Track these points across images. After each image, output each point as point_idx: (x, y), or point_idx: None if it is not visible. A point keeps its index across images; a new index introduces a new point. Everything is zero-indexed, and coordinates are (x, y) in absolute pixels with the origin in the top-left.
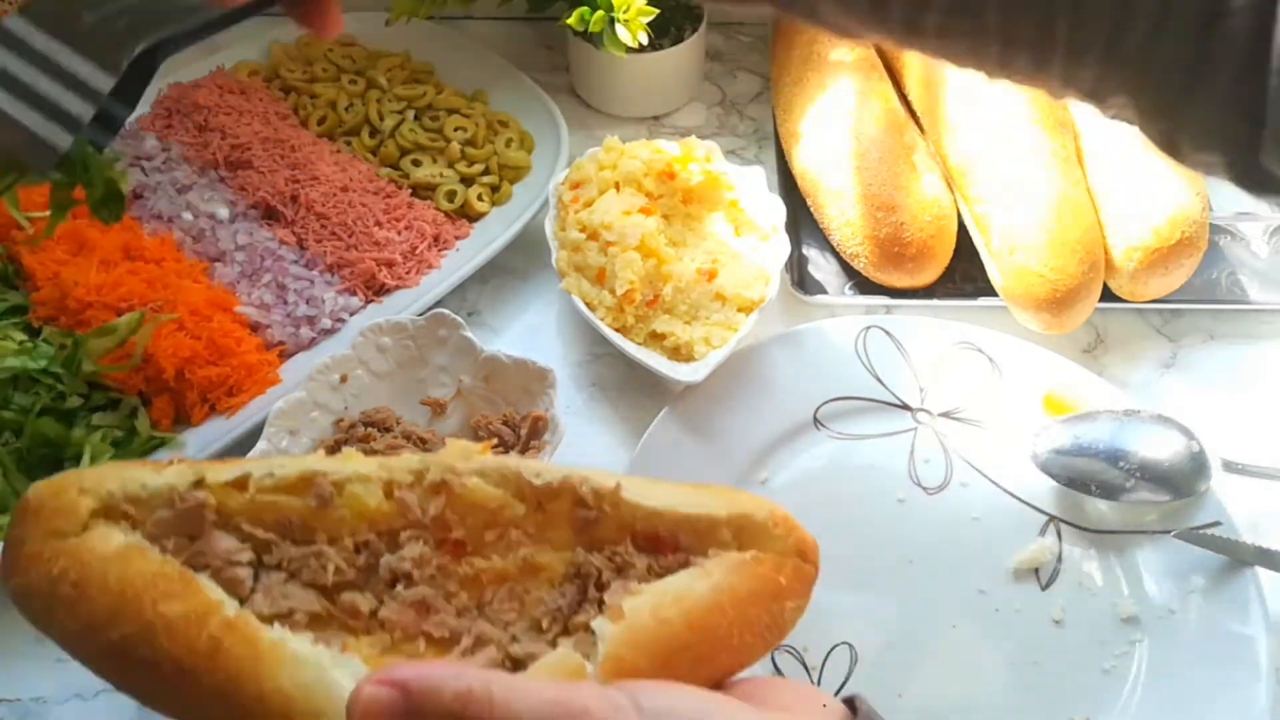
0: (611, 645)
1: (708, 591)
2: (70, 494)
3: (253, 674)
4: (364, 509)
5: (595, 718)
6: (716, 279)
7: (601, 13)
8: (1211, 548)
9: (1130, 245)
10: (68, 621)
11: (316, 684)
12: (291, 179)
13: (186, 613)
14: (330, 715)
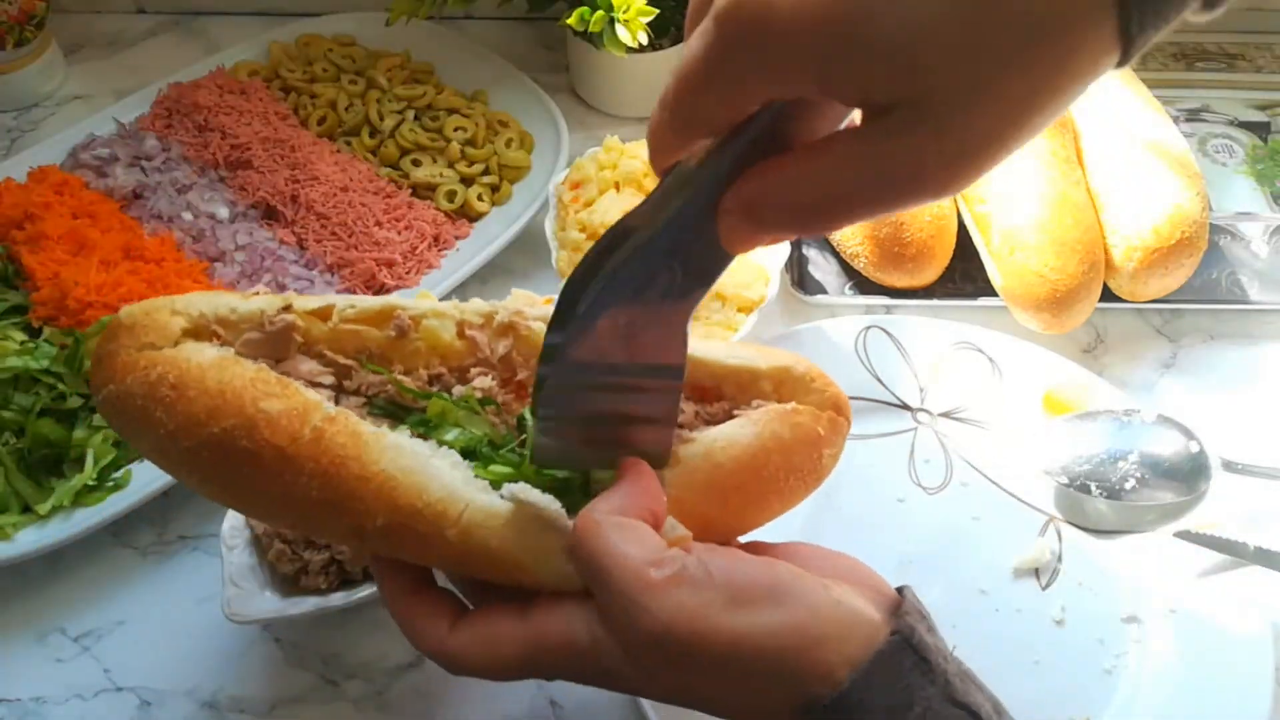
0: (669, 487)
1: (754, 438)
2: (163, 314)
3: (357, 458)
4: (438, 343)
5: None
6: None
7: (601, 13)
8: (1211, 548)
9: (1130, 245)
10: (166, 420)
11: (418, 468)
12: (291, 179)
13: (288, 409)
14: (431, 493)
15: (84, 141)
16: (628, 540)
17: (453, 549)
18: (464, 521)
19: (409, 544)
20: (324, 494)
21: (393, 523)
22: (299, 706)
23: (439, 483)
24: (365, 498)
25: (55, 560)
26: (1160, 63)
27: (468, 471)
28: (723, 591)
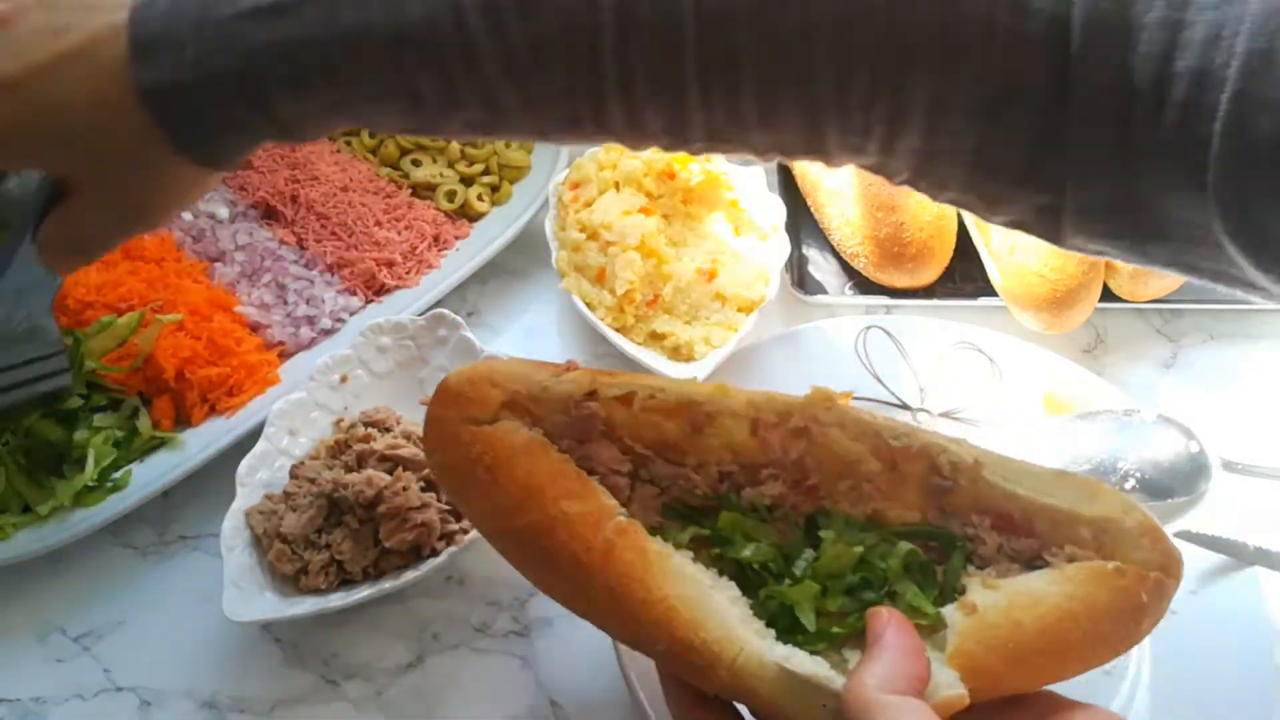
0: (962, 639)
1: (1064, 599)
2: (484, 386)
3: (642, 580)
4: (731, 441)
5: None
6: (716, 279)
7: None
8: (1211, 548)
9: None
10: (480, 503)
11: (700, 602)
12: (291, 179)
13: (584, 513)
14: (712, 634)
15: None
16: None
17: (725, 686)
18: (737, 665)
19: (687, 671)
20: (611, 607)
21: (671, 650)
22: (299, 706)
23: (717, 620)
24: (647, 623)
25: (55, 560)
26: None
27: (745, 609)
28: None
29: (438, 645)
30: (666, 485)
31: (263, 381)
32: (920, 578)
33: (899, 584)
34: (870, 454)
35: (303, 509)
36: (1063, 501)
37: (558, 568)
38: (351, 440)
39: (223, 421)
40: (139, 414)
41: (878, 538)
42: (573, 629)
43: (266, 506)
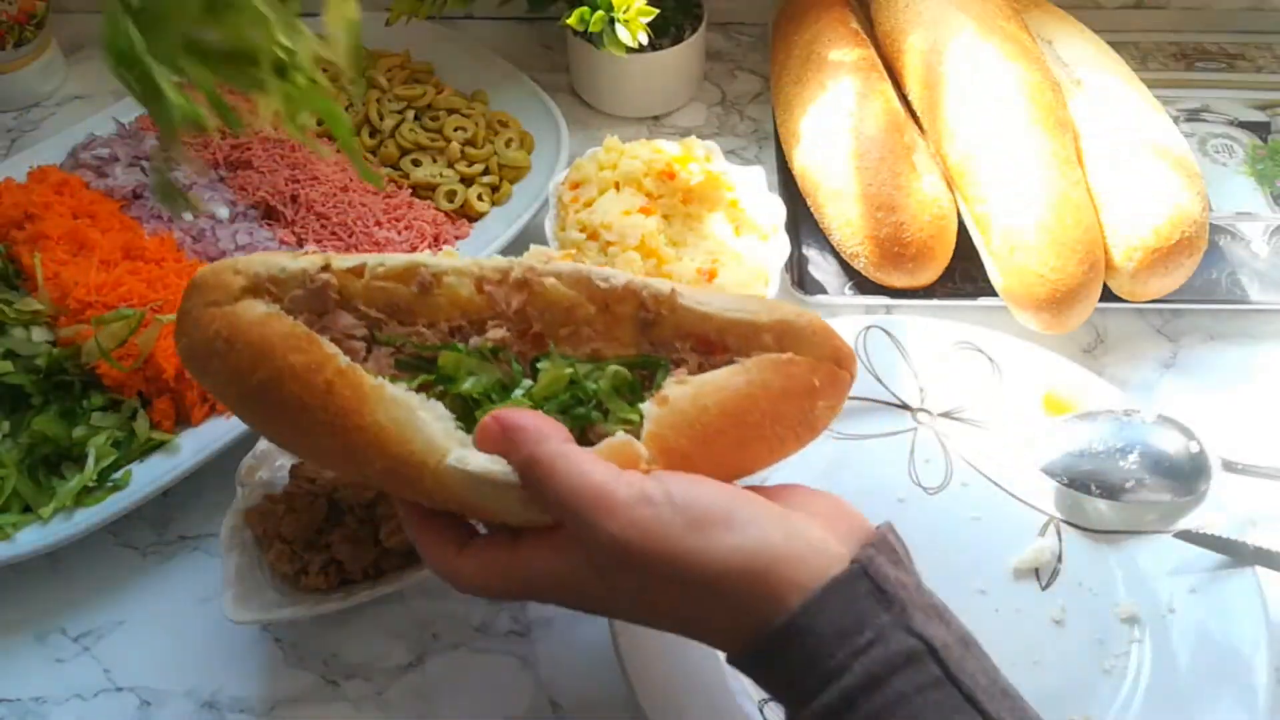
0: (655, 425)
1: (744, 384)
2: (226, 274)
3: (356, 410)
4: (458, 298)
5: (621, 503)
6: (716, 279)
7: (601, 13)
8: (1211, 548)
9: (1130, 245)
10: (220, 370)
11: (407, 420)
12: (291, 179)
13: (308, 362)
14: (416, 446)
15: (84, 141)
16: (584, 465)
17: (434, 493)
18: (438, 471)
19: (402, 487)
20: (334, 442)
21: (385, 468)
22: (299, 706)
23: (423, 433)
24: (363, 446)
25: (55, 560)
26: (1160, 63)
27: (450, 424)
28: (680, 513)
29: (438, 645)
30: (401, 344)
31: None
32: (630, 395)
33: (609, 401)
34: (585, 299)
35: (303, 509)
36: (746, 314)
37: (287, 416)
38: None
39: (223, 421)
40: (139, 414)
41: (592, 367)
42: (573, 629)
43: (266, 506)
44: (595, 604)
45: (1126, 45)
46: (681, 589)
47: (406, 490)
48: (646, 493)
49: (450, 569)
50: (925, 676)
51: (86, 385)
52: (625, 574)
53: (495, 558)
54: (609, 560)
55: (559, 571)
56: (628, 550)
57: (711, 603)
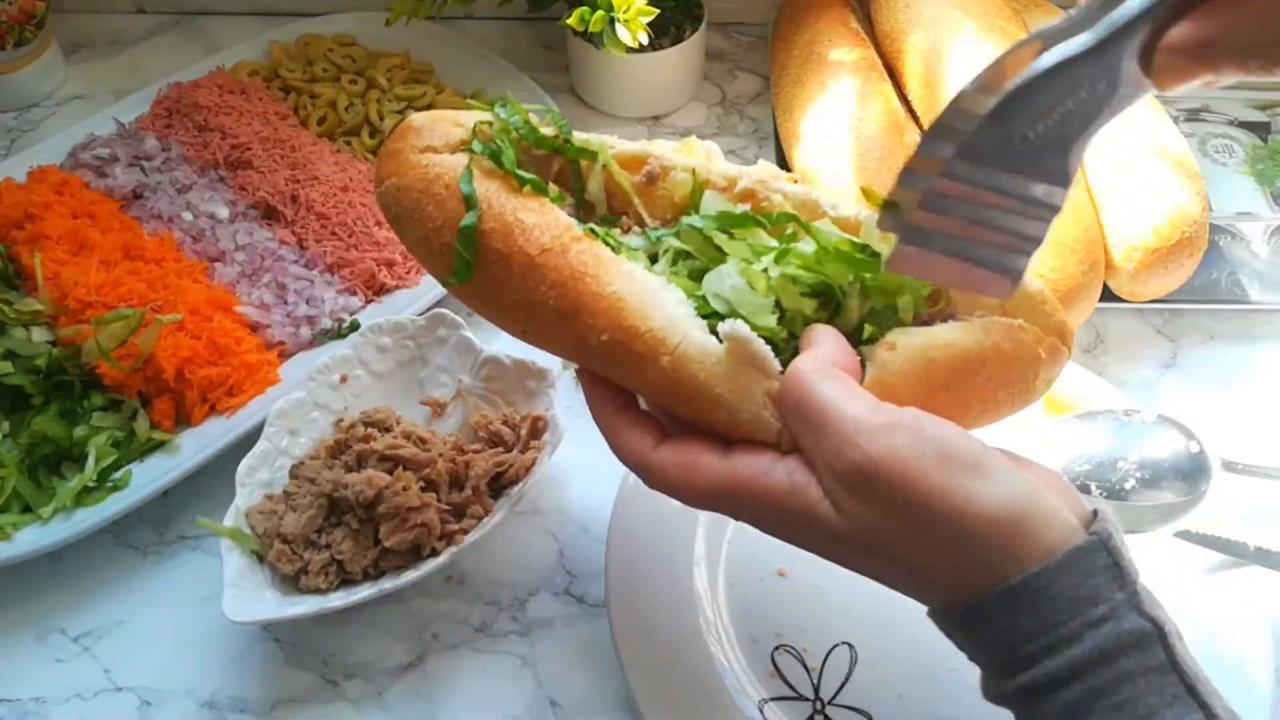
0: (880, 369)
1: (974, 344)
2: (446, 124)
3: (595, 276)
4: (676, 196)
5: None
6: None
7: (601, 13)
8: (1211, 548)
9: (1130, 245)
10: (436, 215)
11: (647, 296)
12: (291, 179)
13: (541, 221)
14: (655, 323)
15: (84, 141)
16: (841, 388)
17: (663, 376)
18: (678, 352)
19: (625, 364)
20: (559, 304)
21: (615, 340)
22: (299, 706)
23: (662, 313)
24: (595, 313)
25: (55, 560)
26: None
27: (690, 309)
28: (935, 447)
29: (438, 645)
30: (619, 227)
31: (263, 381)
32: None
33: (850, 301)
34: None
35: (303, 509)
36: None
37: (509, 269)
38: (351, 440)
39: (223, 421)
40: (139, 414)
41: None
42: (573, 629)
43: (266, 506)
44: (808, 532)
45: None
46: (919, 525)
47: (620, 370)
48: (902, 420)
49: (645, 462)
50: (1152, 660)
51: (87, 385)
52: (862, 501)
53: (704, 460)
54: (850, 483)
55: (777, 490)
56: (875, 473)
57: (947, 546)
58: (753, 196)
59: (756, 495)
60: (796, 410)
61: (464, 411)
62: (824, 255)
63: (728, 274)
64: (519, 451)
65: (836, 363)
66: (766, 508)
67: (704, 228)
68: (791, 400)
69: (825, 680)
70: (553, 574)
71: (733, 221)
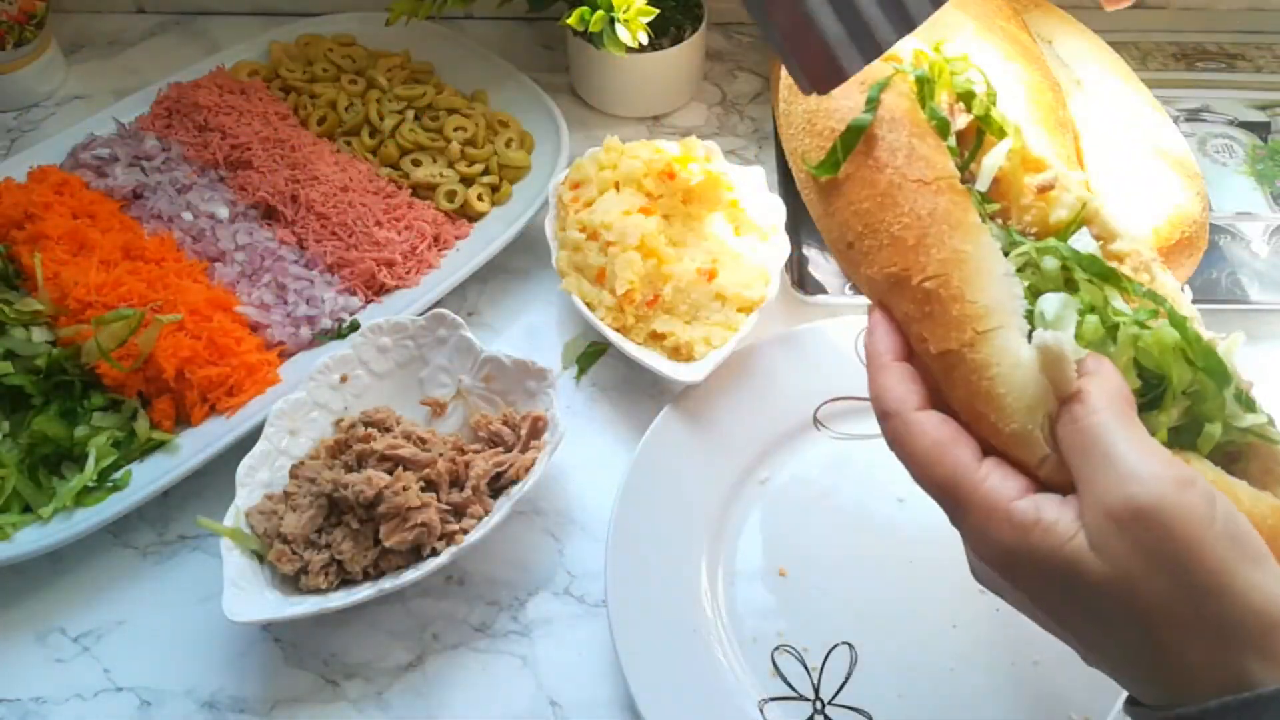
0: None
1: (1258, 517)
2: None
3: (950, 225)
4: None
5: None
6: (716, 279)
7: (601, 13)
8: None
9: None
10: (839, 100)
11: (988, 272)
12: (291, 179)
13: (930, 157)
14: (981, 294)
15: (84, 141)
16: (1137, 430)
17: (959, 349)
18: (987, 335)
19: (930, 318)
20: (904, 233)
21: (935, 291)
22: (299, 706)
23: (995, 293)
24: (933, 259)
25: (55, 560)
26: (1160, 63)
27: (1022, 307)
28: (1226, 521)
29: (438, 645)
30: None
31: (263, 381)
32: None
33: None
34: None
35: (303, 509)
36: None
37: (873, 176)
38: (351, 440)
39: (223, 421)
40: (139, 414)
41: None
42: (573, 629)
43: (266, 506)
44: (1038, 572)
45: (1126, 45)
46: (1188, 591)
47: (930, 324)
48: (1198, 482)
49: (900, 413)
50: None
51: (87, 385)
52: (1131, 544)
53: (957, 452)
54: (1122, 522)
55: (1020, 518)
56: (1157, 518)
57: (1213, 626)
58: (1121, 260)
59: (993, 514)
60: (1082, 439)
61: (464, 411)
62: (1183, 350)
63: (1070, 303)
64: (519, 451)
65: (1121, 394)
66: (997, 532)
67: (1068, 257)
68: (1079, 428)
69: (825, 680)
70: (553, 574)
71: (1098, 270)
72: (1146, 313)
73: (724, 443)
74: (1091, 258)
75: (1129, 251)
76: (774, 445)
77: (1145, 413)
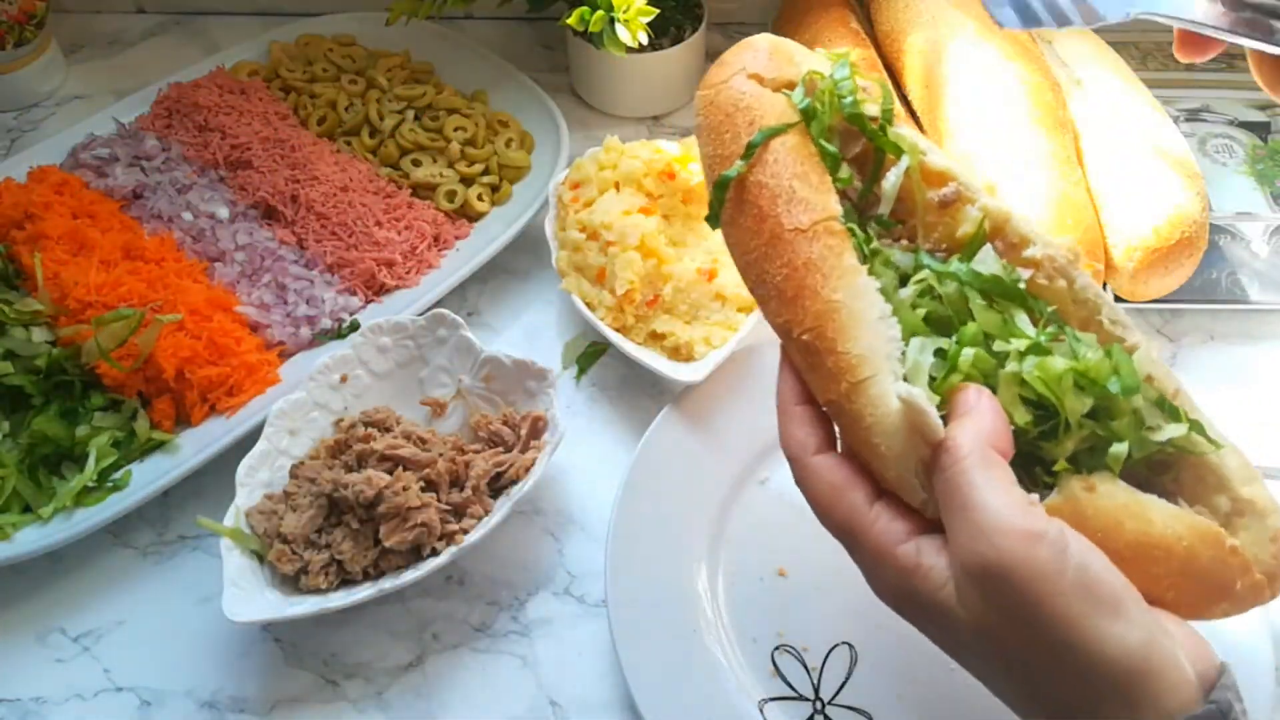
0: (1067, 499)
1: (1170, 535)
2: (784, 57)
3: (825, 274)
4: (964, 230)
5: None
6: (716, 279)
7: (601, 13)
8: None
9: (1130, 245)
10: (728, 145)
11: (862, 319)
12: (291, 179)
13: (810, 199)
14: (854, 344)
15: (84, 141)
16: (994, 478)
17: (839, 400)
18: (860, 386)
19: (813, 368)
20: (784, 285)
21: (812, 343)
22: (299, 706)
23: (866, 342)
24: (807, 310)
25: (55, 560)
26: (1160, 63)
27: (897, 351)
28: (1077, 572)
29: (438, 645)
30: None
31: (263, 381)
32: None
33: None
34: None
35: (303, 509)
36: (1225, 467)
37: (757, 228)
38: (351, 440)
39: (223, 421)
40: (139, 414)
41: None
42: (573, 629)
43: (266, 506)
44: (918, 612)
45: (1126, 45)
46: (1041, 646)
47: (808, 372)
48: (1048, 533)
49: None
50: None
51: (87, 385)
52: (984, 599)
53: (850, 497)
54: (975, 578)
55: (902, 562)
56: (1005, 578)
57: (1067, 677)
58: (1036, 268)
59: (881, 557)
60: (945, 488)
61: (464, 411)
62: (1071, 378)
63: (928, 346)
64: (519, 451)
65: (995, 443)
66: (885, 573)
67: (968, 282)
68: (945, 478)
69: (825, 680)
70: (553, 574)
71: (1000, 290)
72: (1047, 335)
73: (724, 443)
74: (994, 278)
75: (1041, 259)
76: (774, 445)
77: (1043, 442)
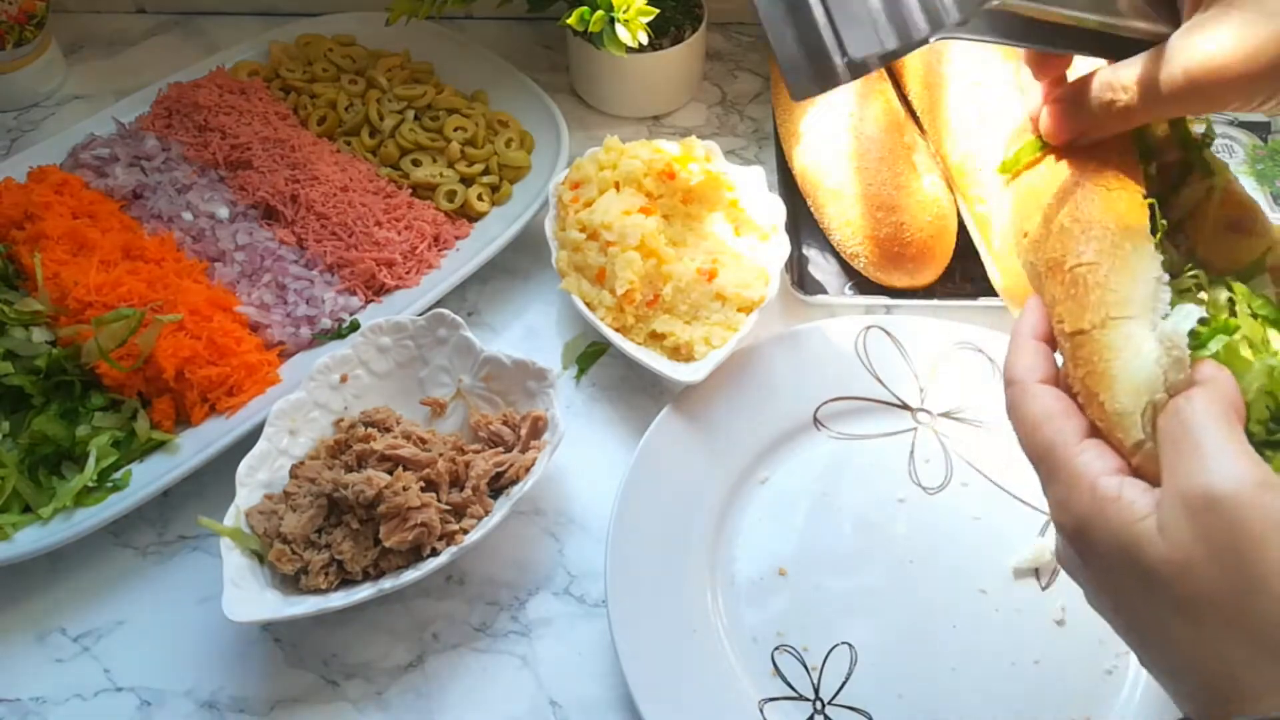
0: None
1: None
2: None
3: (1128, 228)
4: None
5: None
6: (716, 279)
7: (601, 13)
8: None
9: None
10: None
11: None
12: (291, 179)
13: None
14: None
15: (84, 141)
16: (1235, 435)
17: (1090, 330)
18: (1118, 322)
19: (1073, 300)
20: (1071, 225)
21: (1082, 275)
22: (299, 706)
23: (1136, 289)
24: (1089, 247)
25: (55, 560)
26: None
27: (1164, 308)
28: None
29: (438, 645)
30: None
31: (263, 381)
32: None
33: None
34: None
35: (303, 509)
36: None
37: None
38: (351, 440)
39: (223, 421)
40: (139, 414)
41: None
42: (573, 629)
43: (266, 506)
44: (1105, 547)
45: None
46: (1244, 588)
47: (1067, 304)
48: (1278, 486)
49: (1021, 382)
50: None
51: (87, 385)
52: (1196, 531)
53: (1064, 426)
54: (1193, 507)
55: (1102, 492)
56: (1227, 509)
57: (1262, 630)
58: None
59: (1080, 481)
60: (1178, 429)
61: (464, 411)
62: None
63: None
64: (519, 451)
65: (1237, 409)
66: (1079, 497)
67: (1242, 295)
68: (1179, 419)
69: (825, 680)
70: (553, 574)
71: (1270, 315)
72: None
73: (724, 443)
74: (1265, 299)
75: None
76: (774, 445)
77: (1266, 451)
